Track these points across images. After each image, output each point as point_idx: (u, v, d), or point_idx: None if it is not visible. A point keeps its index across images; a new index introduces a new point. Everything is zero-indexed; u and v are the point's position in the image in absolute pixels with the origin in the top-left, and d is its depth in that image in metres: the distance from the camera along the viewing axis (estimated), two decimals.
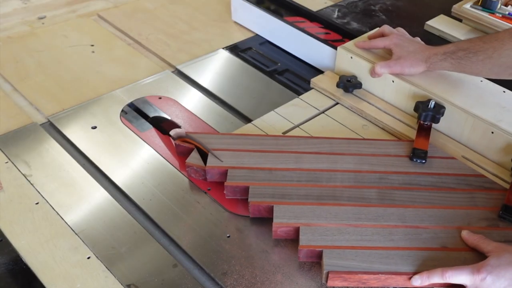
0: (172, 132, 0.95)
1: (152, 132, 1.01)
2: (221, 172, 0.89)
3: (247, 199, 0.84)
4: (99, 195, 0.88)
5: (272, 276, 0.76)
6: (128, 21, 1.39)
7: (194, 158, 0.91)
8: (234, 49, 1.30)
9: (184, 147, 0.94)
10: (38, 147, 0.97)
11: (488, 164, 0.96)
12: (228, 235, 0.82)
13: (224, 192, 0.87)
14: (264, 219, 0.82)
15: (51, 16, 1.42)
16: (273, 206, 0.82)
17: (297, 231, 0.80)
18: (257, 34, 1.36)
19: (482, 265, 0.72)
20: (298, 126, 1.04)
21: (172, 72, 1.21)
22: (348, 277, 0.74)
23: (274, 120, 1.05)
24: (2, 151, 0.95)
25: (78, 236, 0.81)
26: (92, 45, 1.29)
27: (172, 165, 0.94)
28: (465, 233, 0.80)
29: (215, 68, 1.23)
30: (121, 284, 0.74)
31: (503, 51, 0.92)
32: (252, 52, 1.30)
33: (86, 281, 0.74)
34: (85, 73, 1.18)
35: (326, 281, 0.75)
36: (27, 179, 0.90)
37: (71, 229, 0.82)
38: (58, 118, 1.04)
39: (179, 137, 0.95)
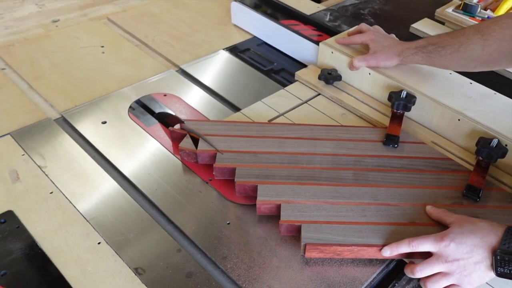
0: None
1: (157, 127, 1.01)
2: (210, 155, 0.90)
3: (234, 179, 0.84)
4: (109, 185, 0.88)
5: (269, 260, 0.76)
6: (135, 24, 1.38)
7: (186, 143, 0.92)
8: (233, 50, 1.29)
9: (178, 132, 0.95)
10: (52, 140, 0.96)
11: (455, 149, 0.97)
12: (228, 222, 0.82)
13: (213, 173, 0.87)
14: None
15: (64, 19, 1.41)
16: (257, 185, 0.83)
17: (278, 208, 0.80)
18: (255, 36, 1.36)
19: (445, 233, 0.73)
20: (282, 114, 1.05)
21: (176, 71, 1.20)
22: (324, 249, 0.75)
23: (261, 109, 1.06)
24: (19, 144, 0.95)
25: (89, 223, 0.80)
26: (102, 46, 1.28)
27: (176, 157, 0.93)
28: (429, 208, 0.81)
29: (216, 67, 1.22)
30: (129, 268, 0.74)
31: (468, 45, 0.92)
32: (250, 52, 1.29)
33: (96, 265, 0.74)
34: (95, 72, 1.18)
35: (304, 253, 0.75)
36: (42, 170, 0.89)
37: (83, 216, 0.81)
38: (71, 114, 1.03)
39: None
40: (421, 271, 0.73)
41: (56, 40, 1.29)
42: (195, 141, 0.92)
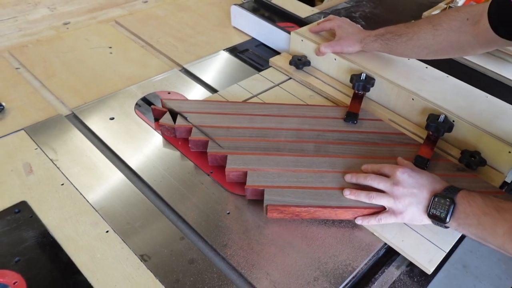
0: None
1: None
2: (187, 130, 0.92)
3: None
4: (116, 177, 0.87)
5: (267, 248, 0.75)
6: (141, 27, 1.37)
7: (166, 119, 0.94)
8: (233, 50, 1.28)
9: (159, 110, 0.97)
10: (63, 135, 0.95)
11: (409, 125, 1.00)
12: (228, 212, 0.81)
13: (189, 145, 0.90)
14: (260, 202, 0.81)
15: (75, 22, 1.39)
16: (227, 155, 0.85)
17: (245, 174, 0.82)
18: (253, 38, 1.35)
19: (405, 166, 0.78)
20: (256, 95, 1.07)
21: (180, 70, 1.19)
22: (283, 210, 0.77)
23: (237, 91, 1.08)
24: (32, 139, 0.94)
25: (98, 213, 0.79)
26: (110, 47, 1.26)
27: (180, 151, 0.92)
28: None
29: (217, 67, 1.21)
30: (135, 254, 0.73)
31: (421, 34, 0.95)
32: (249, 53, 1.28)
33: (105, 252, 0.73)
34: (104, 71, 1.16)
35: (267, 214, 0.78)
36: (54, 163, 0.89)
37: (92, 206, 0.81)
38: (81, 110, 1.02)
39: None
40: (372, 180, 0.78)
41: (67, 42, 1.28)
42: (174, 117, 0.94)
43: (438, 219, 0.72)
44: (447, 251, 0.75)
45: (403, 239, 0.77)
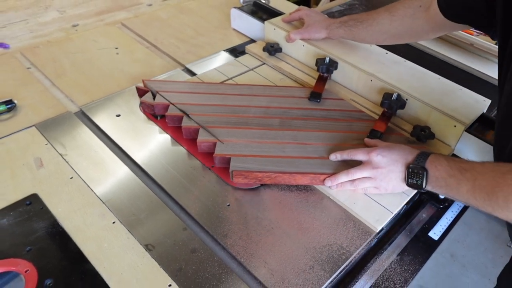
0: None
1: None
2: (165, 107, 0.95)
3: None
4: (123, 171, 0.86)
5: (265, 238, 0.75)
6: (146, 28, 1.36)
7: (147, 97, 0.98)
8: (233, 51, 1.27)
9: (143, 90, 1.01)
10: (72, 131, 0.95)
11: (368, 104, 1.03)
12: (228, 204, 0.80)
13: (166, 120, 0.93)
14: (258, 194, 0.81)
15: (83, 24, 1.38)
16: (199, 129, 0.89)
17: (215, 145, 0.86)
18: (251, 39, 1.34)
19: (375, 148, 0.81)
20: (231, 78, 1.10)
21: (182, 70, 1.18)
22: (247, 175, 0.80)
23: (214, 74, 1.11)
24: (42, 135, 0.93)
25: (105, 205, 0.79)
26: (117, 48, 1.25)
27: (183, 146, 0.92)
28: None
29: (217, 66, 1.20)
30: (140, 244, 0.73)
31: (379, 20, 0.98)
32: None
33: (111, 242, 0.73)
34: (111, 71, 1.16)
35: (232, 179, 0.81)
36: (63, 158, 0.88)
37: (100, 199, 0.80)
38: (89, 107, 1.02)
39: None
40: (355, 173, 0.80)
41: (76, 43, 1.27)
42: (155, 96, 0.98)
43: (416, 187, 0.75)
44: (394, 212, 0.79)
45: (355, 202, 0.81)
